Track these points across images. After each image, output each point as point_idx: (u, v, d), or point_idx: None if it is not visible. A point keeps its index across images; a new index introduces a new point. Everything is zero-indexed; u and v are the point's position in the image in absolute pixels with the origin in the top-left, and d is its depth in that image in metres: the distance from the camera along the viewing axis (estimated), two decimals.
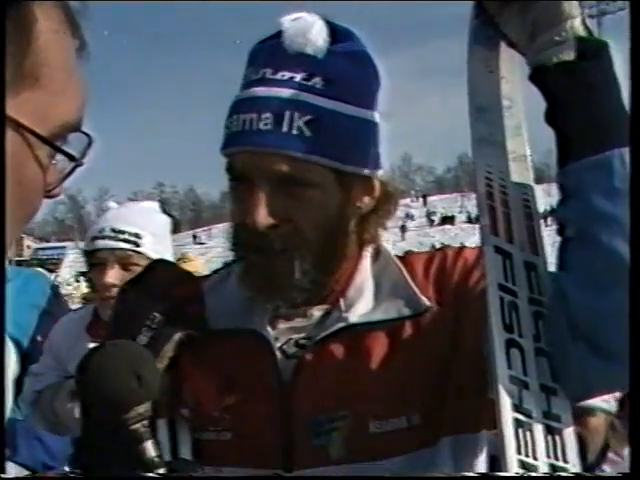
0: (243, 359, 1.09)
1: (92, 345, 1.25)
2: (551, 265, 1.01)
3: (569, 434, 0.95)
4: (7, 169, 0.55)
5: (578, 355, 0.94)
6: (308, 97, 1.02)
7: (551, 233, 1.07)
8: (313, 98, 1.02)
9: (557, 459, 0.93)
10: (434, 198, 77.14)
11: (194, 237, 62.14)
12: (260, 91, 1.03)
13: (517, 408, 0.94)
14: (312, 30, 1.03)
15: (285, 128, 1.00)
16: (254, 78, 1.05)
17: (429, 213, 63.38)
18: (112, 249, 1.99)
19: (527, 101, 1.04)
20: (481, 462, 1.11)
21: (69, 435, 2.07)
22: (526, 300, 0.99)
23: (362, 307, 1.08)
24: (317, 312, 1.10)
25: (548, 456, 0.93)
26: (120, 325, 1.13)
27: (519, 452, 0.92)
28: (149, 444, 0.95)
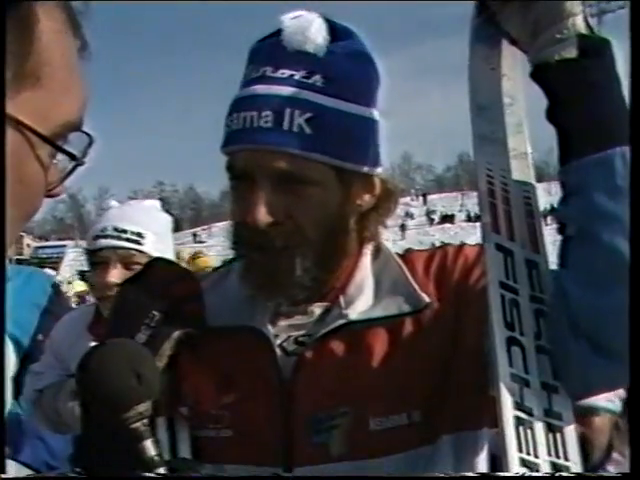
0: (243, 357, 1.09)
1: (93, 344, 1.25)
2: (552, 264, 1.01)
3: (570, 432, 0.95)
4: (8, 168, 0.55)
5: (579, 353, 0.94)
6: (308, 95, 1.02)
7: (551, 232, 1.07)
8: (313, 96, 1.02)
9: (558, 457, 0.93)
10: (434, 197, 77.06)
11: (194, 236, 62.08)
12: (260, 89, 1.03)
13: (518, 406, 0.94)
14: (312, 28, 1.03)
15: (285, 126, 1.00)
16: (254, 76, 1.05)
17: (429, 212, 63.36)
18: (114, 248, 1.98)
19: (528, 99, 1.04)
20: (482, 460, 1.11)
21: (70, 434, 2.06)
22: (527, 298, 0.99)
23: (362, 304, 1.08)
24: (317, 309, 1.10)
25: (549, 454, 0.93)
26: (119, 323, 1.13)
27: (520, 450, 0.92)
28: (149, 443, 0.95)
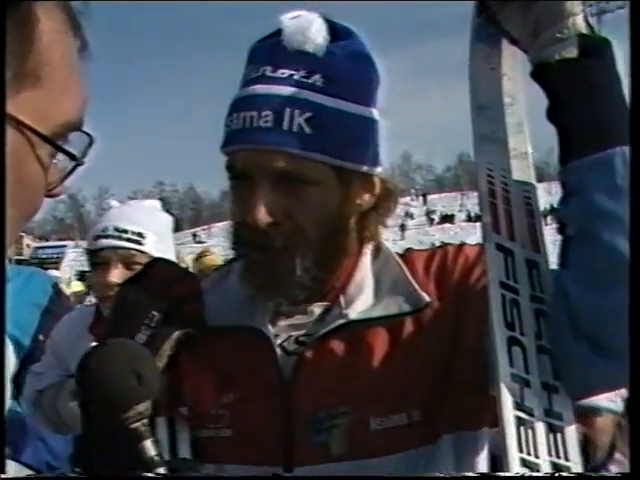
0: (243, 356, 1.09)
1: (93, 344, 1.25)
2: (552, 264, 1.01)
3: (571, 432, 0.95)
4: (8, 167, 0.55)
5: (579, 353, 0.94)
6: (308, 94, 1.02)
7: (551, 231, 1.07)
8: (313, 95, 1.02)
9: (559, 457, 0.93)
10: (434, 197, 77.06)
11: (194, 236, 62.04)
12: (260, 89, 1.03)
13: (519, 406, 0.94)
14: (311, 28, 1.03)
15: (285, 126, 1.00)
16: (254, 76, 1.05)
17: (429, 212, 63.35)
18: (115, 248, 1.98)
19: (529, 98, 1.04)
20: (482, 459, 1.11)
21: (71, 434, 2.06)
22: (528, 298, 0.98)
23: (362, 304, 1.08)
24: (317, 309, 1.10)
25: (550, 454, 0.93)
26: (119, 324, 1.13)
27: (521, 450, 0.92)
28: (149, 443, 0.95)
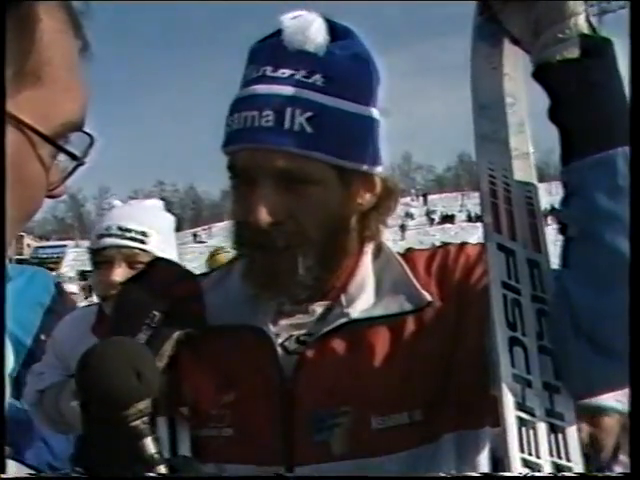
0: (244, 356, 1.09)
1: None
2: (553, 264, 1.01)
3: (572, 432, 0.95)
4: (8, 167, 0.55)
5: (580, 353, 0.94)
6: (309, 94, 1.02)
7: (552, 231, 1.07)
8: (314, 95, 1.02)
9: (560, 457, 0.93)
10: (434, 197, 77.10)
11: (194, 236, 62.04)
12: (261, 89, 1.03)
13: (520, 406, 0.93)
14: (312, 28, 1.03)
15: (286, 125, 1.00)
16: (254, 76, 1.05)
17: (429, 212, 63.36)
18: (119, 247, 1.98)
19: (530, 98, 1.04)
20: (483, 459, 1.11)
21: (72, 434, 2.06)
22: (529, 298, 0.98)
23: (363, 303, 1.08)
24: (318, 308, 1.10)
25: (551, 454, 0.93)
26: (120, 323, 1.13)
27: (522, 450, 0.92)
28: (149, 441, 0.95)
